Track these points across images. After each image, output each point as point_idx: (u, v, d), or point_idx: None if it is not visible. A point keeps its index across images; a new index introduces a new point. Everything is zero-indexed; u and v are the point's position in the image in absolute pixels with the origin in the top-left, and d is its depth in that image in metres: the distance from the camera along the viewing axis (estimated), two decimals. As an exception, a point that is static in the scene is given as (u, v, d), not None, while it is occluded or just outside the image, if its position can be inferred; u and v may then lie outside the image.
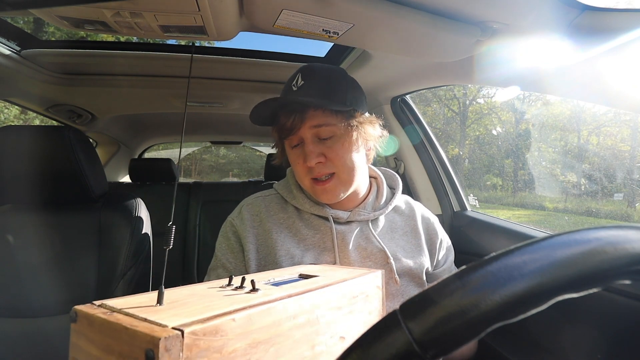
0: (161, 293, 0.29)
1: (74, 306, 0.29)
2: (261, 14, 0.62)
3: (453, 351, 0.20)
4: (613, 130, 2.11)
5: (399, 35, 0.67)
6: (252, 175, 7.48)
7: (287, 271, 0.52)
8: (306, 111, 0.64)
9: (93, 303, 0.30)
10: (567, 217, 2.17)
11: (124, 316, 0.26)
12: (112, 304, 0.29)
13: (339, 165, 0.65)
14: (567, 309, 0.71)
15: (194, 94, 1.38)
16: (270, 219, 0.71)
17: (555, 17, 0.56)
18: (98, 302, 0.30)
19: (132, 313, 0.26)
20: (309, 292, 0.37)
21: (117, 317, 0.26)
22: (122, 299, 0.31)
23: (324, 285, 0.40)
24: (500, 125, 4.51)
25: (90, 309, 0.28)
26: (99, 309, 0.28)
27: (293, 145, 0.68)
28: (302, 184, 0.69)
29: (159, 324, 0.23)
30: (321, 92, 0.65)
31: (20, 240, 0.85)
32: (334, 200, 0.67)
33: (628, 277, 0.21)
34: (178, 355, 0.21)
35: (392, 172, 0.81)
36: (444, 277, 0.22)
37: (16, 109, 5.13)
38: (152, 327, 0.23)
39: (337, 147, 0.65)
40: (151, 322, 0.24)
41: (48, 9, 0.55)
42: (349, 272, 0.50)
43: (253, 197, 0.77)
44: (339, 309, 0.41)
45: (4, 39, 0.97)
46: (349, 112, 0.66)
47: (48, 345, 0.80)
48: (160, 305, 0.28)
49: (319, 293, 0.38)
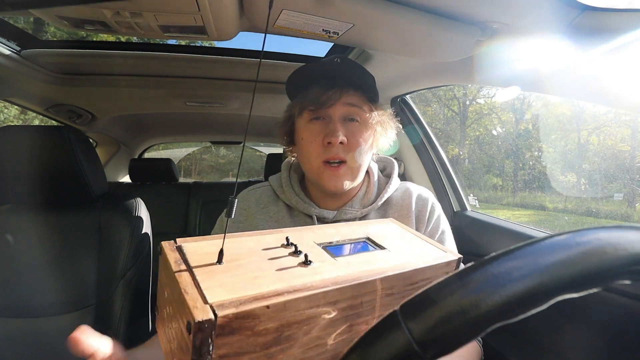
0: (221, 254, 0.32)
1: (162, 242, 0.34)
2: (261, 14, 0.62)
3: (453, 351, 0.20)
4: (613, 130, 2.11)
5: (399, 35, 0.67)
6: (252, 175, 7.47)
7: (357, 227, 0.48)
8: (346, 89, 0.64)
9: (176, 241, 0.34)
10: (567, 217, 2.17)
11: (185, 273, 0.30)
12: (186, 248, 0.33)
13: (354, 153, 0.64)
14: (567, 309, 0.71)
15: (194, 94, 1.38)
16: (260, 212, 0.71)
17: (555, 17, 0.56)
18: (180, 242, 0.34)
19: (194, 269, 0.30)
20: (362, 279, 0.34)
21: (181, 274, 0.30)
22: (196, 244, 0.35)
23: (385, 271, 0.36)
24: (500, 125, 4.52)
25: (169, 250, 0.33)
26: (175, 252, 0.33)
27: (315, 119, 0.65)
28: (310, 165, 0.66)
29: (203, 298, 0.27)
30: (360, 79, 0.65)
31: (20, 240, 0.85)
32: (339, 188, 0.65)
33: (628, 277, 0.21)
34: (210, 332, 0.25)
35: (388, 159, 0.79)
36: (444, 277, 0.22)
37: (16, 109, 5.13)
38: (196, 301, 0.26)
39: (358, 134, 0.65)
40: (199, 291, 0.28)
41: (48, 9, 0.55)
42: (423, 250, 0.44)
43: (246, 191, 0.77)
44: (391, 295, 0.37)
45: (4, 39, 0.97)
46: (375, 106, 0.68)
47: (48, 345, 0.80)
48: (220, 264, 0.32)
49: (374, 281, 0.35)
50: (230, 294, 0.28)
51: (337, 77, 0.65)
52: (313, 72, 0.67)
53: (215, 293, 0.28)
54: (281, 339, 0.30)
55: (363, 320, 0.36)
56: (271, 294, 0.29)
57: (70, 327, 0.40)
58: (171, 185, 2.00)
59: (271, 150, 3.10)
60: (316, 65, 0.67)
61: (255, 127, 2.06)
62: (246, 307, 0.27)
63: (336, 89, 0.63)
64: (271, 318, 0.28)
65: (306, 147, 0.66)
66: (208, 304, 0.26)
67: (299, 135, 0.68)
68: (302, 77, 0.67)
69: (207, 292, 0.27)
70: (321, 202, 0.71)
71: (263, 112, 1.64)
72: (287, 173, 0.75)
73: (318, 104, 0.64)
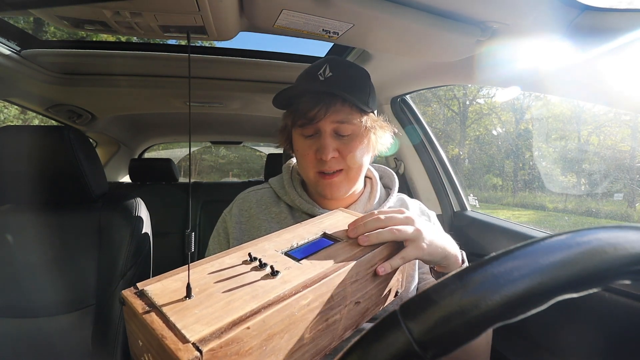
0: (189, 288, 0.32)
1: (122, 291, 0.33)
2: (261, 14, 0.62)
3: (453, 351, 0.20)
4: (613, 130, 2.10)
5: (399, 35, 0.67)
6: (252, 175, 7.48)
7: (311, 226, 0.50)
8: (333, 104, 0.62)
9: (136, 287, 0.34)
10: (567, 217, 2.17)
11: (157, 318, 0.29)
12: (150, 291, 0.33)
13: (350, 163, 0.64)
14: (567, 309, 0.71)
15: (194, 94, 1.38)
16: (261, 214, 0.71)
17: (555, 17, 0.56)
18: (140, 287, 0.33)
19: (165, 311, 0.30)
20: (329, 276, 0.36)
21: (152, 317, 0.29)
22: (159, 284, 0.34)
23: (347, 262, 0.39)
24: (500, 125, 4.52)
25: (132, 298, 0.32)
26: (139, 300, 0.32)
27: (307, 135, 0.65)
28: (306, 176, 0.68)
29: (183, 338, 0.27)
30: (349, 88, 0.63)
31: (20, 240, 0.85)
32: (337, 195, 0.67)
33: (628, 277, 0.21)
34: None
35: (391, 172, 0.80)
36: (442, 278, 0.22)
37: (15, 109, 5.13)
38: (177, 343, 0.26)
39: (352, 146, 0.64)
40: (177, 333, 0.27)
41: (48, 9, 0.55)
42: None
43: (246, 192, 0.77)
44: (356, 281, 0.40)
45: (4, 39, 0.97)
46: (368, 114, 0.65)
47: (48, 345, 0.80)
48: (189, 299, 0.31)
49: (339, 274, 0.37)
50: (209, 326, 0.28)
51: (324, 92, 0.62)
52: (300, 88, 0.65)
53: (193, 330, 0.28)
54: (267, 352, 0.31)
55: (336, 310, 0.38)
56: (249, 314, 0.30)
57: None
58: (171, 185, 2.00)
59: (271, 150, 3.10)
60: (305, 79, 0.65)
61: (255, 127, 2.06)
62: (228, 335, 0.27)
63: (322, 104, 0.62)
64: (254, 337, 0.29)
65: (301, 159, 0.67)
66: (189, 342, 0.26)
67: (295, 146, 0.69)
68: (289, 93, 0.65)
69: (185, 331, 0.27)
70: (324, 203, 0.71)
71: (263, 112, 1.64)
72: (289, 175, 0.75)
73: (306, 120, 0.63)
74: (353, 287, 0.40)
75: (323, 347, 0.38)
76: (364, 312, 0.43)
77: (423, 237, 0.47)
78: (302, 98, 0.64)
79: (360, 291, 0.41)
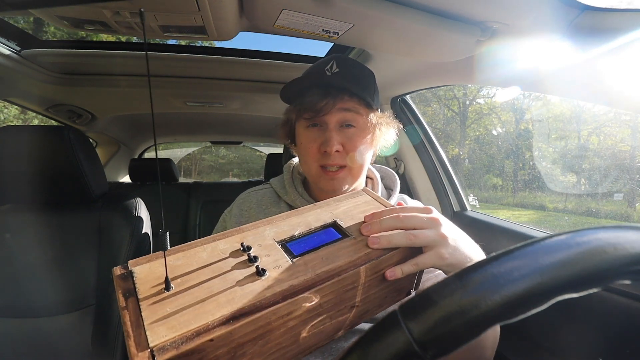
0: (168, 282, 0.31)
1: (113, 267, 0.34)
2: (261, 14, 0.62)
3: (453, 351, 0.20)
4: (613, 130, 2.10)
5: (399, 35, 0.67)
6: (252, 175, 7.48)
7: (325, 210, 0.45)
8: (340, 97, 0.63)
9: (126, 266, 0.34)
10: (567, 217, 2.17)
11: (132, 308, 0.30)
12: (136, 274, 0.33)
13: (353, 158, 0.65)
14: (567, 309, 0.71)
15: (194, 94, 1.38)
16: (262, 214, 0.71)
17: (555, 17, 0.56)
18: (131, 266, 0.34)
19: (140, 301, 0.30)
20: (319, 285, 0.33)
21: (126, 312, 0.29)
22: (147, 266, 0.34)
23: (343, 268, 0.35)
24: (500, 125, 4.52)
25: (119, 279, 0.33)
26: (123, 282, 0.32)
27: (309, 125, 0.66)
28: (308, 170, 0.68)
29: (144, 341, 0.27)
30: (355, 84, 0.64)
31: (20, 240, 0.85)
32: (337, 191, 0.66)
33: (628, 277, 0.21)
34: None
35: (392, 172, 0.81)
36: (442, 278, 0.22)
37: (15, 109, 5.13)
38: (137, 346, 0.27)
39: (356, 139, 0.65)
40: (142, 334, 0.28)
41: (48, 9, 0.55)
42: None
43: (247, 192, 0.77)
44: (354, 288, 0.36)
45: (4, 39, 0.97)
46: (375, 111, 0.66)
47: (48, 345, 0.80)
48: (167, 291, 0.31)
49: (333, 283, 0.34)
50: (173, 331, 0.28)
51: (331, 86, 0.64)
52: (307, 81, 0.66)
53: (157, 333, 0.27)
54: (237, 356, 0.30)
55: (325, 317, 0.35)
56: (216, 323, 0.28)
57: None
58: (171, 185, 2.00)
59: (271, 150, 3.10)
60: (312, 73, 0.66)
61: (255, 127, 2.06)
62: (188, 346, 0.27)
63: (330, 97, 0.63)
64: (219, 347, 0.28)
65: (304, 152, 0.67)
66: (148, 349, 0.26)
67: (298, 139, 0.69)
68: (297, 86, 0.66)
69: (149, 332, 0.27)
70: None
71: (263, 112, 1.64)
72: (290, 174, 0.75)
73: (313, 112, 0.64)
74: (350, 293, 0.36)
75: (308, 346, 0.36)
76: (362, 314, 0.40)
77: (446, 244, 0.41)
78: (310, 91, 0.64)
79: (360, 295, 0.37)
